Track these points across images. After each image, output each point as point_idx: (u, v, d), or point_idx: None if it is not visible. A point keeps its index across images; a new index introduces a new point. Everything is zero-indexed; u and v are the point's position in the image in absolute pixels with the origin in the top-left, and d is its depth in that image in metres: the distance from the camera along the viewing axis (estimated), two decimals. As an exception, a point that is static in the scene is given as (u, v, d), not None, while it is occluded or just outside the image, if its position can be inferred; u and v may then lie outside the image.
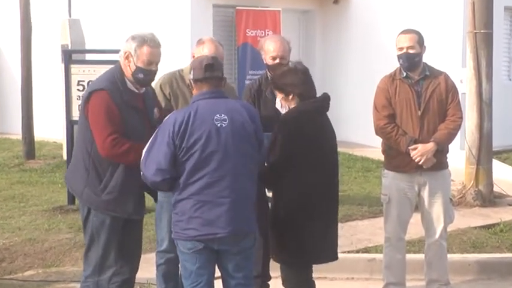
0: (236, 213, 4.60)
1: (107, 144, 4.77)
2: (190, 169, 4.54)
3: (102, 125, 4.79)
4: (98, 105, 4.81)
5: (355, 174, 11.33)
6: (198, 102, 4.66)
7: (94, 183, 4.88)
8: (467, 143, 9.74)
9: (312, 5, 15.47)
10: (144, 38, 4.94)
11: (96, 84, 4.94)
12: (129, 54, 4.91)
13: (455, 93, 6.10)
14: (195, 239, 4.59)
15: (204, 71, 4.67)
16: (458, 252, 7.42)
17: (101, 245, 4.96)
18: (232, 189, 4.59)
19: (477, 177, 9.63)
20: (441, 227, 6.16)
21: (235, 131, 4.61)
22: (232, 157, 4.59)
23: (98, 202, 4.89)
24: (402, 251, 6.24)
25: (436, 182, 6.09)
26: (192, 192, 4.57)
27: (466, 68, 9.92)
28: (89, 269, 5.02)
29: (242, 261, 4.75)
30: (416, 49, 6.01)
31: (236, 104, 4.83)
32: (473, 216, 8.97)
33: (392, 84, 6.08)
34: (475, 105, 9.66)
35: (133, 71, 4.92)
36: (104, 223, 4.95)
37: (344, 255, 7.20)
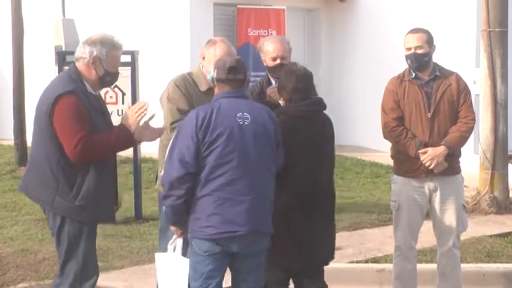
0: (255, 212, 4.76)
1: (78, 151, 4.80)
2: (213, 164, 4.70)
3: (71, 131, 4.82)
4: (66, 110, 4.84)
5: (364, 180, 11.34)
6: (221, 100, 4.86)
7: (65, 191, 4.91)
8: (482, 147, 9.74)
9: (317, 3, 15.49)
10: (112, 41, 5.09)
11: (61, 87, 4.93)
12: (96, 58, 4.99)
13: (467, 94, 6.09)
14: (212, 238, 4.71)
15: (227, 72, 4.88)
16: (472, 262, 7.42)
17: (80, 254, 4.97)
18: (252, 187, 4.75)
19: (492, 182, 9.63)
20: (454, 235, 6.15)
21: (256, 130, 4.80)
22: (253, 155, 4.77)
23: (72, 209, 4.91)
24: (413, 261, 6.23)
25: (448, 188, 6.08)
26: (213, 189, 4.71)
27: (479, 68, 9.93)
28: (67, 281, 4.99)
29: (256, 263, 4.91)
30: (425, 49, 6.01)
31: (257, 104, 5.10)
32: (488, 224, 8.97)
33: (400, 85, 6.08)
34: (489, 107, 9.67)
35: (102, 74, 5.04)
36: (82, 231, 4.98)
37: (352, 265, 7.22)
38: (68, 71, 5.12)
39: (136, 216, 8.93)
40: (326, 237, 5.41)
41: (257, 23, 14.29)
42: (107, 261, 7.47)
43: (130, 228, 8.55)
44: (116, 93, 9.10)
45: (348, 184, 11.23)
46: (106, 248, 7.78)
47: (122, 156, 12.41)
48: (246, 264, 4.88)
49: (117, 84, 9.04)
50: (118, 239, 8.14)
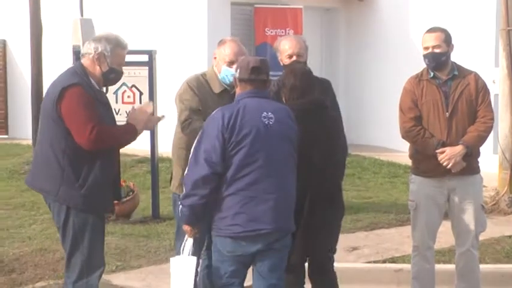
0: (281, 210, 4.84)
1: (92, 138, 4.87)
2: (239, 164, 4.75)
3: (83, 119, 4.89)
4: (75, 101, 4.92)
5: (382, 180, 11.33)
6: (245, 99, 4.90)
7: (71, 180, 4.96)
8: (501, 146, 9.71)
9: (335, 2, 15.47)
10: (118, 40, 5.19)
11: (66, 80, 5.02)
12: (101, 55, 5.09)
13: (486, 93, 6.05)
14: (239, 235, 4.79)
15: (250, 72, 4.91)
16: (491, 262, 7.39)
17: (85, 246, 5.01)
18: (277, 186, 4.83)
19: (511, 183, 9.59)
20: (472, 235, 6.13)
21: (281, 130, 4.88)
22: (278, 155, 4.85)
23: (77, 198, 4.96)
24: (431, 261, 6.22)
25: (467, 188, 6.06)
26: (239, 188, 4.77)
27: (498, 67, 9.90)
28: (74, 273, 5.04)
29: (278, 260, 4.96)
30: (443, 48, 5.98)
31: (280, 105, 5.14)
32: (507, 224, 8.94)
33: (418, 85, 6.06)
34: (508, 107, 9.63)
35: (106, 71, 5.13)
36: (87, 222, 5.02)
37: (370, 265, 7.21)
38: (73, 67, 5.23)
39: (153, 215, 8.96)
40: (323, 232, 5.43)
41: (274, 23, 14.29)
42: (125, 261, 7.50)
43: (147, 228, 8.58)
44: (133, 93, 9.13)
45: (366, 184, 11.22)
46: (124, 248, 7.81)
47: (140, 156, 12.51)
48: (268, 262, 4.93)
49: (135, 84, 9.10)
50: (135, 238, 8.17)
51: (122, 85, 9.12)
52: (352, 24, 15.41)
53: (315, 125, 5.36)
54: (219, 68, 5.64)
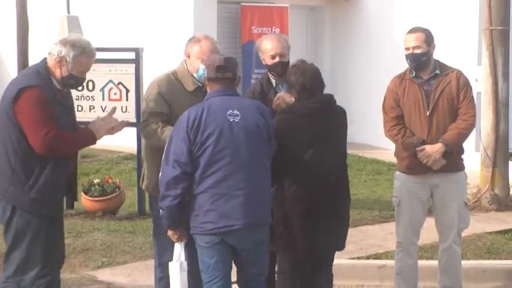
0: (251, 205, 4.88)
1: (46, 142, 4.85)
2: (205, 163, 4.83)
3: (38, 122, 4.86)
4: (31, 103, 4.87)
5: (365, 177, 11.37)
6: (212, 99, 4.97)
7: (20, 181, 4.95)
8: (483, 144, 9.76)
9: (321, 1, 15.49)
10: (84, 47, 5.08)
11: (24, 81, 4.98)
12: (63, 59, 5.03)
13: (467, 90, 6.08)
14: (212, 232, 4.86)
15: (216, 71, 4.96)
16: (472, 258, 7.43)
17: (25, 245, 5.02)
18: (246, 181, 4.87)
19: (493, 180, 9.64)
20: (455, 231, 6.18)
21: (247, 126, 4.90)
22: (245, 151, 4.88)
23: (25, 200, 4.96)
24: (414, 257, 6.26)
25: (450, 185, 6.10)
26: (207, 186, 4.84)
27: (481, 66, 9.94)
28: (10, 269, 5.06)
29: (255, 256, 5.03)
30: (423, 48, 6.00)
31: (248, 101, 5.24)
32: (488, 220, 8.99)
33: (401, 84, 6.11)
34: (490, 105, 9.68)
35: (65, 76, 5.06)
36: (30, 223, 5.02)
37: (354, 262, 7.24)
38: (37, 65, 5.16)
39: (139, 212, 8.97)
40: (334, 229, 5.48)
41: (261, 21, 14.29)
42: (111, 257, 7.51)
43: (133, 224, 8.58)
44: (120, 90, 9.12)
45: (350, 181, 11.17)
46: (110, 244, 7.81)
47: (125, 153, 12.51)
48: (246, 256, 5.01)
49: (121, 81, 9.09)
50: (121, 234, 8.17)
51: (109, 82, 9.12)
52: (338, 22, 15.43)
53: (323, 123, 5.38)
54: (194, 66, 5.53)
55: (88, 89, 9.11)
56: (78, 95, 9.06)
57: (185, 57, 5.65)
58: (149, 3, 14.25)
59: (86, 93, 9.12)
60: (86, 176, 11.00)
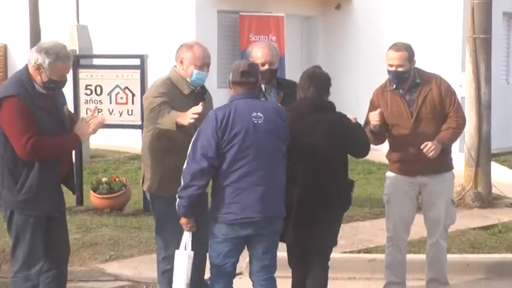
0: (269, 200, 5.02)
1: (28, 148, 4.81)
2: (231, 159, 4.94)
3: (19, 130, 4.83)
4: (11, 112, 4.83)
5: (357, 177, 11.33)
6: (237, 101, 5.06)
7: (10, 185, 4.93)
8: (467, 145, 9.75)
9: (314, 10, 15.49)
10: (57, 53, 4.97)
11: (5, 91, 4.92)
12: (40, 66, 4.95)
13: (452, 95, 6.04)
14: (232, 222, 4.99)
15: (241, 76, 5.06)
16: (457, 252, 7.43)
17: (26, 242, 5.01)
18: (266, 178, 5.00)
19: (476, 179, 9.65)
20: (442, 227, 6.17)
21: (269, 127, 5.01)
22: (266, 150, 5.00)
23: (16, 203, 4.95)
24: (403, 251, 6.25)
25: (438, 184, 6.09)
26: (232, 180, 4.96)
27: (465, 72, 9.93)
28: (17, 265, 5.05)
29: (270, 244, 5.15)
30: (405, 67, 5.91)
31: (269, 104, 5.35)
32: (472, 217, 8.98)
33: (383, 96, 6.07)
34: (474, 109, 9.67)
35: (46, 81, 4.98)
36: (28, 222, 5.00)
37: (346, 255, 7.23)
38: (20, 72, 5.07)
39: (144, 208, 8.94)
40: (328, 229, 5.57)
41: (258, 29, 14.28)
42: (118, 251, 7.50)
43: (139, 220, 8.57)
44: (126, 94, 9.09)
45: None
46: (117, 238, 7.80)
47: (131, 153, 12.50)
48: (261, 245, 5.12)
49: (128, 86, 9.07)
50: (128, 230, 8.16)
51: (116, 87, 9.09)
52: (330, 30, 15.43)
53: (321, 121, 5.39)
54: (187, 71, 5.48)
55: (96, 93, 9.10)
56: (87, 99, 9.07)
57: (177, 63, 5.57)
58: (154, 13, 14.24)
59: (94, 97, 9.11)
60: (95, 174, 11.00)
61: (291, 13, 14.91)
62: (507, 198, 9.91)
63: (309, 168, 5.34)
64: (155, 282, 6.21)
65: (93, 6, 15.21)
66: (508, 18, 14.74)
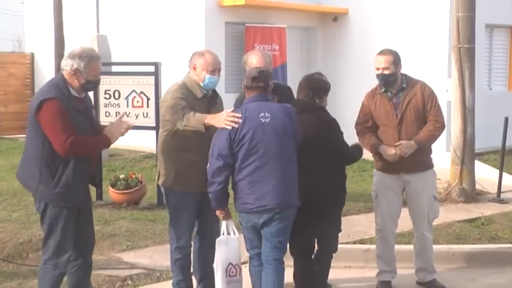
0: (281, 190, 5.10)
1: (67, 146, 4.84)
2: (243, 156, 5.08)
3: (59, 130, 4.85)
4: (51, 112, 4.87)
5: (352, 174, 11.32)
6: (248, 104, 5.21)
7: (47, 180, 4.94)
8: (453, 145, 9.74)
9: (314, 22, 15.49)
10: (90, 55, 5.05)
11: (45, 93, 4.96)
12: (77, 70, 4.99)
13: (433, 99, 6.03)
14: (250, 211, 5.13)
15: (252, 81, 5.21)
16: (444, 243, 7.42)
17: (58, 232, 5.02)
18: (277, 170, 5.09)
19: (461, 176, 9.64)
20: (426, 221, 6.16)
21: (276, 125, 5.11)
22: (275, 146, 5.09)
23: (52, 196, 4.96)
24: (392, 242, 6.23)
25: (421, 181, 6.08)
26: (245, 174, 5.11)
27: (451, 78, 9.91)
28: (48, 253, 5.06)
29: (281, 229, 5.19)
30: (391, 70, 5.93)
31: (277, 105, 5.32)
32: (457, 211, 8.97)
33: (373, 99, 6.10)
34: (459, 112, 9.66)
35: (83, 83, 5.03)
36: (61, 213, 5.01)
37: (342, 246, 7.15)
38: (55, 79, 5.14)
39: (158, 203, 8.94)
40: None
41: (262, 39, 14.28)
42: (134, 241, 7.49)
43: (153, 213, 8.56)
44: (142, 99, 9.10)
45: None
46: (133, 230, 7.80)
47: (147, 152, 12.51)
48: (273, 228, 5.17)
49: (143, 91, 9.08)
50: (143, 222, 8.16)
51: (132, 92, 9.11)
52: (328, 40, 15.43)
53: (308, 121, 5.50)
54: (200, 76, 5.49)
55: (114, 97, 9.12)
56: (106, 103, 9.08)
57: (190, 69, 5.58)
58: (167, 24, 14.25)
59: (113, 101, 9.13)
60: (113, 172, 11.00)
61: (292, 25, 14.92)
62: (489, 194, 9.89)
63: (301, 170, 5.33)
64: (168, 270, 6.21)
65: (112, 18, 15.24)
66: (490, 30, 14.71)
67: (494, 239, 7.71)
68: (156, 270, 6.65)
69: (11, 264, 7.06)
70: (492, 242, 7.62)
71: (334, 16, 15.24)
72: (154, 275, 6.55)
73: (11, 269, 6.88)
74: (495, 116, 13.98)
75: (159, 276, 6.42)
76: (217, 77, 5.54)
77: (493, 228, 8.09)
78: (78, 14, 15.81)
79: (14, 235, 7.75)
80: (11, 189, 10.35)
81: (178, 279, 5.65)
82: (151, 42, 14.21)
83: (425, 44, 13.35)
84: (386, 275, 6.21)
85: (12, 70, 17.44)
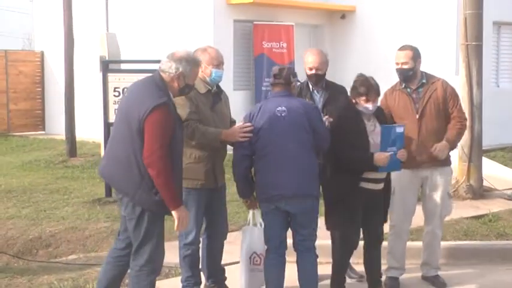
0: (296, 179, 5.22)
1: (155, 156, 4.63)
2: (260, 147, 5.26)
3: (156, 137, 4.64)
4: (160, 120, 4.65)
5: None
6: (269, 98, 5.53)
7: (148, 187, 4.72)
8: (460, 142, 9.68)
9: (321, 20, 15.47)
10: (195, 60, 5.00)
11: (155, 97, 4.72)
12: (181, 74, 4.85)
13: (455, 97, 6.08)
14: (268, 200, 5.27)
15: (274, 78, 5.43)
16: (452, 239, 7.39)
17: (155, 237, 4.87)
18: (292, 162, 5.22)
19: (469, 173, 9.59)
20: (438, 217, 6.14)
21: (291, 119, 5.25)
22: (291, 139, 5.23)
23: (152, 203, 4.76)
24: (405, 239, 6.21)
25: (437, 177, 6.06)
26: (262, 165, 5.28)
27: (458, 75, 9.88)
28: (142, 259, 4.87)
29: (306, 221, 5.31)
30: (410, 64, 5.95)
31: (296, 100, 5.46)
32: (465, 207, 8.93)
33: (391, 94, 6.08)
34: (467, 109, 9.59)
35: (182, 86, 4.90)
36: (156, 221, 4.86)
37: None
38: (154, 80, 4.88)
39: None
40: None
41: (270, 37, 14.28)
42: (143, 237, 7.47)
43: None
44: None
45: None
46: (142, 226, 7.78)
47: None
48: (297, 222, 5.30)
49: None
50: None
51: (141, 89, 9.09)
52: (336, 38, 15.41)
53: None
54: (205, 71, 5.49)
55: (124, 95, 9.10)
56: (115, 100, 9.06)
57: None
58: (175, 22, 14.25)
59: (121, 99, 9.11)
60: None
61: (300, 22, 14.90)
62: (497, 190, 9.85)
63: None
64: (177, 267, 6.20)
65: (122, 16, 15.26)
66: (498, 27, 14.66)
67: (501, 235, 7.68)
68: (165, 266, 6.59)
69: (21, 260, 7.08)
70: (500, 238, 7.59)
71: (342, 14, 15.22)
72: (163, 272, 6.51)
73: (21, 265, 6.90)
74: (502, 112, 13.98)
75: (168, 272, 6.41)
76: (222, 70, 5.60)
77: (501, 225, 8.05)
78: (87, 12, 15.83)
79: (24, 232, 7.78)
80: (21, 186, 10.39)
81: (187, 275, 5.65)
82: (160, 40, 14.21)
83: (433, 41, 13.30)
84: (394, 272, 6.19)
85: (22, 68, 17.49)
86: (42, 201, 9.33)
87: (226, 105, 5.70)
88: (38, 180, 10.86)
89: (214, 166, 5.52)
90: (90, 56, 14.93)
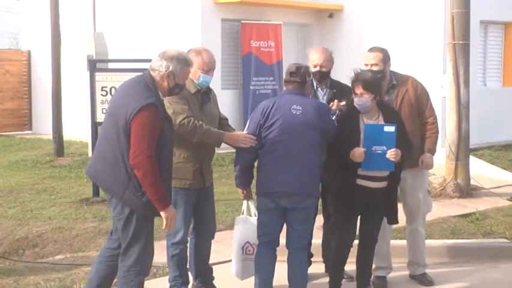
0: (301, 178, 5.24)
1: (142, 157, 4.59)
2: (269, 142, 5.26)
3: (146, 139, 4.60)
4: (147, 120, 4.61)
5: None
6: (283, 95, 5.48)
7: (136, 187, 4.70)
8: (447, 141, 9.74)
9: (309, 19, 15.48)
10: (186, 60, 4.91)
11: (143, 97, 4.68)
12: (171, 73, 4.80)
13: (426, 96, 6.07)
14: (270, 195, 5.27)
15: (290, 76, 5.43)
16: (439, 238, 7.42)
17: (143, 238, 4.83)
18: (299, 160, 5.24)
19: (456, 171, 9.64)
20: (419, 215, 6.17)
21: (305, 118, 5.26)
22: (301, 137, 5.25)
23: (139, 204, 4.73)
24: (388, 238, 6.20)
25: (415, 178, 6.08)
26: (269, 160, 5.28)
27: (446, 74, 9.91)
28: (130, 260, 4.84)
29: (304, 217, 5.35)
30: (380, 66, 5.92)
31: (309, 100, 5.51)
32: (452, 206, 8.97)
33: None
34: (454, 108, 9.66)
35: (172, 86, 4.84)
36: (145, 222, 4.83)
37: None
38: (144, 79, 4.81)
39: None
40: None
41: (258, 36, 14.27)
42: (131, 237, 7.45)
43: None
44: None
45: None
46: (130, 226, 7.76)
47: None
48: (296, 218, 5.31)
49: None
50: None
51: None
52: (323, 36, 15.41)
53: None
54: (195, 75, 5.46)
55: (111, 94, 9.03)
56: (103, 100, 9.04)
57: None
58: (163, 21, 14.22)
59: (109, 98, 9.04)
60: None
61: (288, 21, 14.91)
62: (484, 189, 9.90)
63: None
64: (165, 266, 6.19)
65: (109, 15, 15.20)
66: (485, 26, 14.72)
67: (488, 233, 7.72)
68: (153, 266, 6.60)
69: (8, 260, 7.04)
70: (487, 236, 7.63)
71: (330, 13, 15.24)
72: (151, 271, 6.52)
73: (7, 266, 6.86)
74: (490, 111, 14.05)
75: (156, 272, 6.39)
76: (211, 77, 5.57)
77: (488, 223, 8.09)
78: (74, 11, 15.77)
79: (11, 232, 7.74)
80: (7, 186, 10.34)
81: (175, 275, 5.64)
82: (147, 39, 14.18)
83: (420, 40, 13.34)
84: (382, 271, 6.20)
85: (8, 67, 17.39)
86: (29, 201, 9.29)
87: (215, 104, 5.70)
88: (25, 180, 10.81)
89: (202, 166, 5.51)
90: (77, 55, 14.87)
